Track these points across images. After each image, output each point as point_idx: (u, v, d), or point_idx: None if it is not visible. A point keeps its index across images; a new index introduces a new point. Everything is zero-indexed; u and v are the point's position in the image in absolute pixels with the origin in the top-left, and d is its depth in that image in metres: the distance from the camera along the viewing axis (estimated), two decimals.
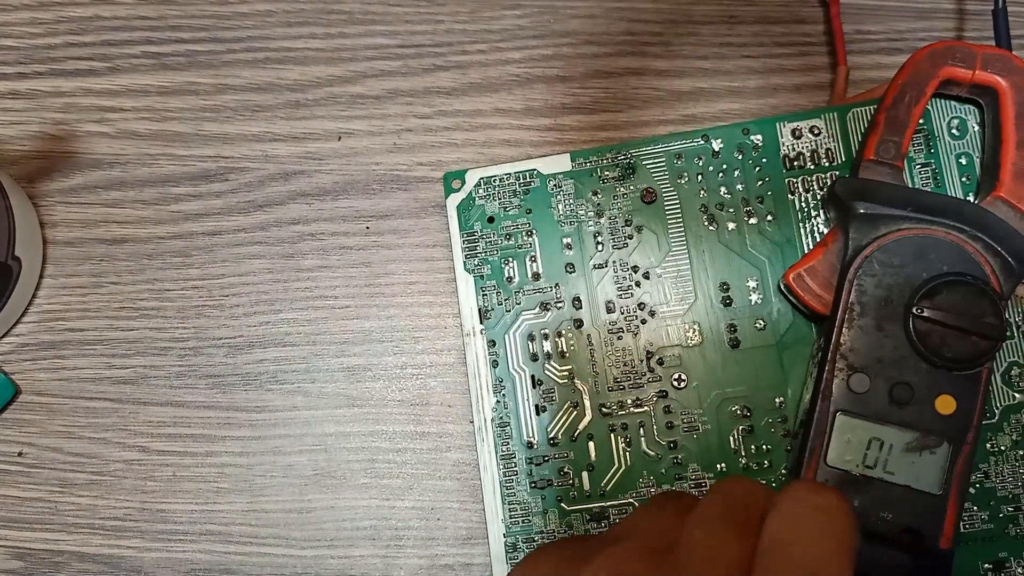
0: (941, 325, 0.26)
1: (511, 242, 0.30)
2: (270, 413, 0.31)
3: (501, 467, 0.29)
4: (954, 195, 0.29)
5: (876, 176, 0.27)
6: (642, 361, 0.29)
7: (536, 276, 0.30)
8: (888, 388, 0.26)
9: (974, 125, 0.29)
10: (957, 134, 0.29)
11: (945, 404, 0.26)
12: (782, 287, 0.28)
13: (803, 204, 0.29)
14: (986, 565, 0.27)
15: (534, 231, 0.30)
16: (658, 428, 0.29)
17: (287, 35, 0.32)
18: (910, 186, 0.28)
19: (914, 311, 0.26)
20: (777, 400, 0.28)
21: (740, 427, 0.28)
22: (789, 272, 0.28)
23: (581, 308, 0.29)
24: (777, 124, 0.29)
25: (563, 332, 0.29)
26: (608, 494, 0.28)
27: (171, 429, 0.31)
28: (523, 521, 0.28)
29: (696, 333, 0.29)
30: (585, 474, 0.29)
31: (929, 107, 0.29)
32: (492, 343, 0.29)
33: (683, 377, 0.29)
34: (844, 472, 0.26)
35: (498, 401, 0.29)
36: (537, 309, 0.29)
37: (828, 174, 0.29)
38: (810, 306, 0.27)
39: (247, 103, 0.32)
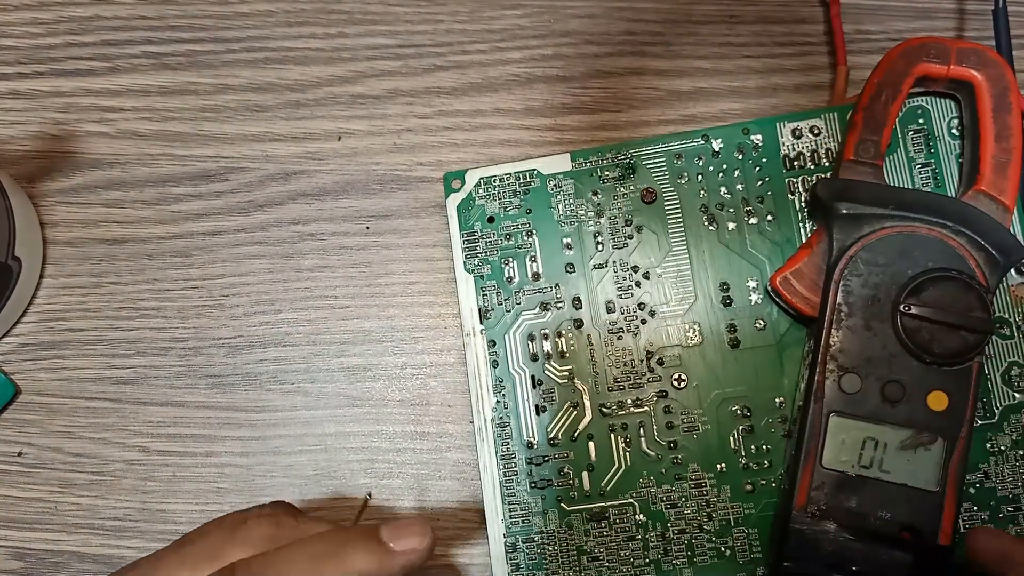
0: (929, 321, 0.26)
1: (511, 242, 0.30)
2: (270, 413, 0.31)
3: (501, 467, 0.29)
4: (944, 193, 0.29)
5: (857, 176, 0.27)
6: (642, 361, 0.29)
7: (536, 276, 0.29)
8: (880, 387, 0.26)
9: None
10: (957, 134, 0.29)
11: (937, 400, 0.26)
12: (770, 291, 0.28)
13: (803, 204, 0.29)
14: None
15: (534, 231, 0.30)
16: (658, 428, 0.29)
17: (287, 35, 0.32)
18: (891, 184, 0.28)
19: (901, 309, 0.26)
20: (777, 400, 0.28)
21: (740, 427, 0.28)
22: (775, 276, 0.28)
23: (581, 308, 0.29)
24: (777, 124, 0.29)
25: (563, 332, 0.29)
26: (608, 494, 0.28)
27: (171, 429, 0.31)
28: (523, 521, 0.28)
29: (696, 333, 0.29)
30: (585, 474, 0.29)
31: (929, 107, 0.29)
32: (492, 343, 0.29)
33: (683, 377, 0.29)
34: (840, 473, 0.26)
35: (498, 401, 0.29)
36: (537, 309, 0.29)
37: (828, 174, 0.29)
38: (798, 308, 0.27)
39: (247, 103, 0.32)
